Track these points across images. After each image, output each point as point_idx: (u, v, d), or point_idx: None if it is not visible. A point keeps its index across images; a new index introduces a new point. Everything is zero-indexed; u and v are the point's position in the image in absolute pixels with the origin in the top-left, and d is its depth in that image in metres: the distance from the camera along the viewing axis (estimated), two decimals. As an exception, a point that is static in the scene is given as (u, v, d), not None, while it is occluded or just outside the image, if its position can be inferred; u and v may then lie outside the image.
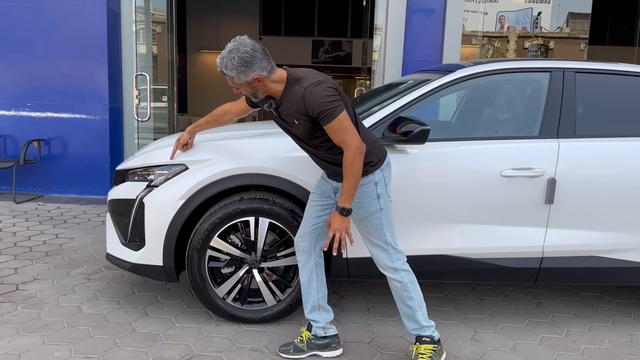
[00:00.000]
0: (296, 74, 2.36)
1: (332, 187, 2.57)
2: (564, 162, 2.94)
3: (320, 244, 2.68)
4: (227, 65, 2.27)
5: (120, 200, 3.08)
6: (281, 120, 2.47)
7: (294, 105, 2.33)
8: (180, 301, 3.28)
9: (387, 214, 2.50)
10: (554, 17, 8.28)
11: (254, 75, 2.28)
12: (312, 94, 2.25)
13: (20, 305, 3.14)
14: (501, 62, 3.17)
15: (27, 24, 6.08)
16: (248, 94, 2.42)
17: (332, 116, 2.26)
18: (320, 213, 2.64)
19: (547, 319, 3.24)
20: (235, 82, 2.32)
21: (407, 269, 2.55)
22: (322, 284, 2.73)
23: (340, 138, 2.29)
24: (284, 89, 2.35)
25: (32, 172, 6.23)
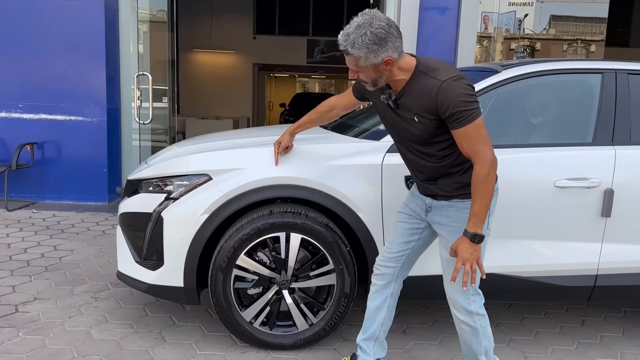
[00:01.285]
0: (428, 63, 1.99)
1: (425, 205, 2.22)
2: (622, 172, 2.71)
3: (403, 274, 2.40)
4: (356, 42, 1.87)
5: (135, 214, 2.78)
6: (395, 114, 2.09)
7: (421, 100, 1.95)
8: (199, 324, 2.99)
9: (482, 250, 2.09)
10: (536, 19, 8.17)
11: (385, 57, 1.88)
12: (449, 90, 1.88)
13: (22, 330, 2.83)
14: (547, 62, 2.93)
15: (19, 20, 5.73)
16: (368, 80, 2.00)
17: (469, 119, 1.89)
18: (409, 238, 2.31)
19: (596, 340, 3.01)
20: (359, 64, 1.93)
21: (483, 313, 2.19)
22: (389, 317, 2.43)
23: (474, 147, 1.92)
24: (409, 79, 1.97)
25: (25, 177, 5.87)
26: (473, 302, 2.15)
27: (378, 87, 2.04)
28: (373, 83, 2.02)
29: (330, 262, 2.62)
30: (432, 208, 2.19)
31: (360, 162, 2.64)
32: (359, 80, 2.10)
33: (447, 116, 1.91)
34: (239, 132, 3.65)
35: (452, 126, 1.93)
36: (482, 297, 2.19)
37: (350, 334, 2.92)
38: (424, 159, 2.11)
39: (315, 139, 2.92)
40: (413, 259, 2.37)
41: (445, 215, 2.14)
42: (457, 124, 1.91)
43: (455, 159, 2.06)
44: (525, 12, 8.04)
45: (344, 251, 2.60)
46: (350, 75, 2.03)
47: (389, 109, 2.11)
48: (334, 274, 2.63)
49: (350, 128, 3.11)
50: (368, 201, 2.63)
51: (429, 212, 2.21)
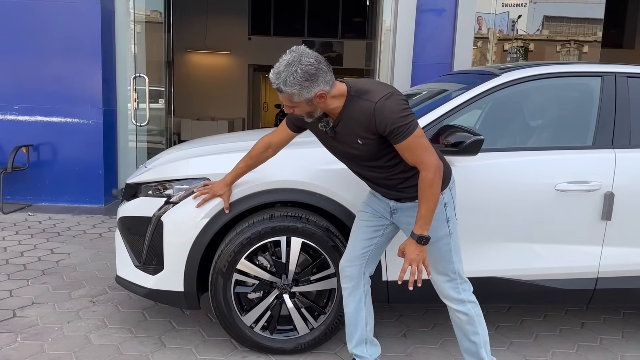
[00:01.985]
0: (358, 86, 2.05)
1: (389, 207, 2.28)
2: (622, 175, 2.72)
3: (370, 270, 2.40)
4: (288, 80, 1.91)
5: (134, 218, 2.76)
6: (335, 141, 2.16)
7: (360, 123, 2.02)
8: (199, 328, 2.97)
9: (455, 239, 2.23)
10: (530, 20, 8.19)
11: (317, 91, 1.95)
12: (384, 109, 1.95)
13: (21, 335, 2.80)
14: (546, 65, 2.93)
15: (14, 22, 5.69)
16: (303, 113, 2.06)
17: (407, 132, 1.96)
18: (371, 235, 2.35)
19: (596, 343, 3.01)
20: (293, 101, 1.98)
21: (474, 301, 2.28)
22: (370, 315, 2.44)
23: (417, 157, 2.01)
24: (343, 105, 2.04)
25: (21, 179, 5.83)
26: (463, 291, 2.25)
27: (314, 118, 2.09)
28: (309, 115, 2.07)
29: (331, 266, 2.62)
30: (397, 210, 2.25)
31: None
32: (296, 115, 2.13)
33: (387, 133, 1.98)
34: (238, 135, 3.63)
35: (394, 141, 2.00)
36: (470, 285, 2.29)
37: (351, 338, 2.91)
38: (378, 172, 2.17)
39: (315, 142, 2.91)
40: (377, 254, 2.40)
41: (411, 215, 2.18)
42: (397, 138, 1.98)
43: (406, 167, 2.12)
44: (519, 13, 8.07)
45: (345, 255, 2.59)
46: (285, 110, 2.09)
47: (329, 136, 2.16)
48: (335, 278, 2.62)
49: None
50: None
51: (395, 214, 2.26)
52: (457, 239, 2.25)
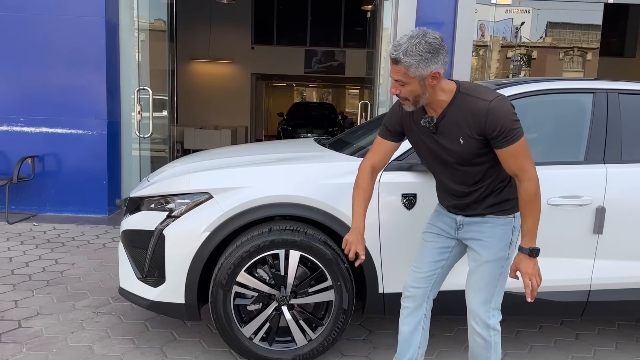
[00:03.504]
0: (468, 85, 2.03)
1: (456, 222, 2.22)
2: (613, 190, 2.78)
3: (434, 293, 2.38)
4: (409, 50, 1.87)
5: (137, 231, 2.84)
6: (434, 139, 2.09)
7: (467, 120, 1.97)
8: (199, 339, 3.04)
9: (508, 266, 2.17)
10: (533, 27, 8.24)
11: (433, 69, 1.89)
12: (498, 109, 1.92)
13: (26, 346, 2.87)
14: (540, 82, 3.00)
15: (21, 35, 5.80)
16: (410, 96, 1.98)
17: (515, 137, 1.93)
18: (438, 257, 2.30)
19: (590, 354, 3.06)
20: (408, 74, 1.91)
21: (498, 330, 2.22)
22: (425, 339, 2.40)
23: (521, 165, 1.97)
24: (451, 101, 2.00)
25: (26, 190, 5.93)
26: (492, 317, 2.19)
27: (417, 107, 2.03)
28: (414, 101, 2.00)
29: (328, 278, 2.68)
30: (463, 225, 2.20)
31: (357, 181, 2.69)
32: (401, 98, 2.04)
33: (494, 135, 1.94)
34: (239, 148, 3.71)
35: (499, 145, 1.95)
36: (500, 314, 2.23)
37: (349, 350, 2.97)
38: (464, 181, 2.12)
39: (314, 158, 2.99)
40: (443, 277, 2.36)
41: (478, 230, 2.17)
42: (504, 142, 1.94)
43: (494, 180, 2.10)
44: (522, 20, 8.11)
45: (342, 268, 2.65)
46: (392, 90, 2.02)
47: (429, 134, 2.11)
48: (332, 291, 2.68)
49: (347, 146, 3.18)
50: (366, 219, 2.68)
51: (460, 230, 2.22)
52: (510, 266, 2.16)
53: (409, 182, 2.70)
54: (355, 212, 2.30)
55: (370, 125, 3.78)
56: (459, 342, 3.13)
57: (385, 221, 2.68)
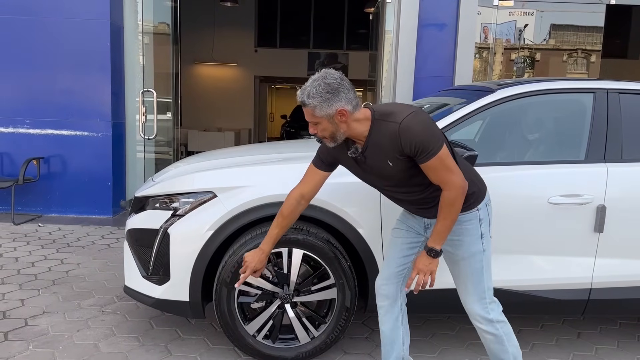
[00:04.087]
0: (382, 109, 2.09)
1: (423, 223, 2.30)
2: (613, 188, 2.80)
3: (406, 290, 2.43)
4: (310, 92, 2.00)
5: (142, 230, 2.87)
6: (366, 167, 2.17)
7: (387, 145, 2.04)
8: (204, 337, 3.07)
9: (488, 257, 2.23)
10: (537, 29, 8.25)
11: (338, 107, 2.00)
12: (407, 129, 1.97)
13: (32, 344, 2.91)
14: (541, 82, 3.03)
15: (27, 38, 5.86)
16: (326, 134, 2.08)
17: (432, 152, 1.98)
18: (407, 252, 2.36)
19: (592, 352, 3.08)
20: (315, 115, 2.03)
21: (503, 320, 2.26)
22: (406, 334, 2.47)
23: (441, 177, 2.03)
24: (369, 130, 2.07)
25: (31, 191, 5.98)
26: (491, 311, 2.23)
27: (338, 142, 2.10)
28: (332, 137, 2.09)
29: (331, 276, 2.70)
30: (431, 225, 2.26)
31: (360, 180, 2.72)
32: (319, 137, 2.12)
33: (412, 153, 2.01)
34: (243, 149, 3.75)
35: (419, 160, 2.02)
36: (499, 305, 2.27)
37: (351, 347, 3.00)
38: (412, 194, 2.18)
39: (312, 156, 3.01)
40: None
41: None
42: (421, 158, 2.00)
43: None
44: (526, 22, 8.12)
45: (344, 266, 2.68)
46: (310, 130, 2.12)
47: (358, 163, 2.19)
48: (335, 289, 2.71)
49: (350, 145, 3.20)
50: (368, 217, 2.71)
51: (429, 229, 2.28)
52: (490, 258, 2.24)
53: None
54: (268, 235, 2.42)
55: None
56: (461, 340, 3.15)
57: (387, 219, 2.70)
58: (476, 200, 2.19)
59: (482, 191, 2.24)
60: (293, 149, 3.43)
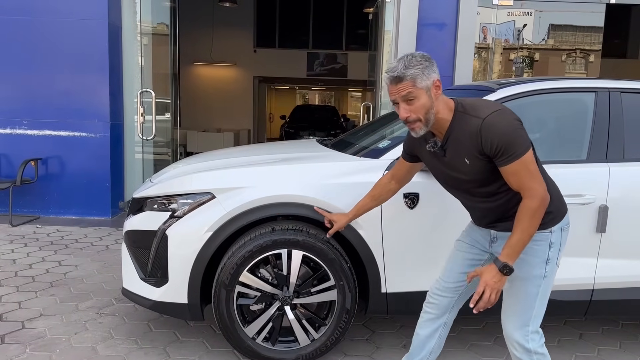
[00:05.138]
0: (466, 102, 1.95)
1: (490, 235, 2.11)
2: (616, 188, 2.77)
3: (459, 305, 2.30)
4: (407, 64, 1.87)
5: (139, 232, 2.84)
6: (444, 163, 2.03)
7: (466, 141, 1.89)
8: (202, 339, 3.04)
9: (547, 285, 2.03)
10: (535, 29, 8.24)
11: (434, 77, 1.89)
12: (491, 126, 1.83)
13: (29, 347, 2.88)
14: (542, 81, 3.00)
15: (24, 39, 5.83)
16: (420, 115, 1.91)
17: (515, 155, 1.81)
18: (469, 269, 2.19)
19: (594, 353, 3.05)
20: (417, 86, 1.86)
21: (542, 352, 2.05)
22: (439, 346, 2.37)
23: (523, 183, 1.84)
24: (450, 122, 1.94)
25: (29, 192, 5.94)
26: (531, 340, 2.03)
27: (429, 126, 1.94)
28: (426, 119, 1.92)
29: (331, 278, 2.68)
30: (497, 239, 2.09)
31: (360, 181, 2.70)
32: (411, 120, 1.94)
33: (493, 154, 1.85)
34: (241, 149, 3.72)
35: (499, 163, 1.86)
36: (541, 336, 2.08)
37: (352, 349, 2.97)
38: (487, 201, 2.01)
39: (316, 158, 3.00)
40: (471, 289, 2.25)
41: None
42: (502, 160, 1.84)
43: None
44: (524, 22, 8.12)
45: (344, 267, 2.66)
46: (402, 114, 1.94)
47: (437, 158, 2.06)
48: (335, 290, 2.68)
49: (349, 146, 3.18)
50: (368, 218, 2.68)
51: (494, 243, 2.11)
52: (549, 287, 2.05)
53: (411, 182, 2.68)
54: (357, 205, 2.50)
55: (372, 125, 3.79)
56: (463, 342, 3.12)
57: (388, 221, 2.68)
58: (552, 221, 2.00)
59: (562, 213, 2.05)
60: (292, 150, 3.41)
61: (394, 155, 2.76)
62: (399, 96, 1.92)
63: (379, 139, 3.17)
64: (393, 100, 1.96)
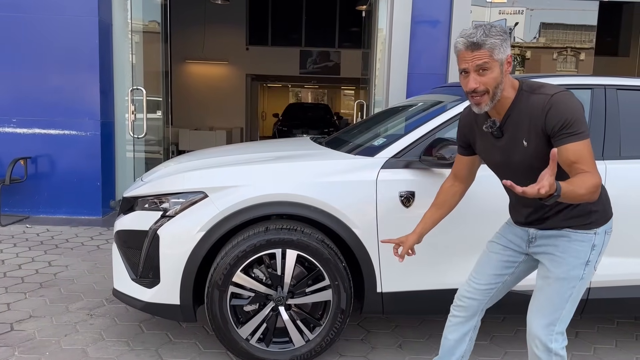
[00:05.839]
0: (531, 82, 1.91)
1: (528, 236, 2.06)
2: (612, 186, 2.73)
3: (489, 306, 2.23)
4: (489, 32, 1.79)
5: (130, 232, 2.79)
6: (499, 146, 1.95)
7: (529, 119, 1.83)
8: (195, 340, 3.00)
9: (582, 288, 1.97)
10: (527, 28, 8.26)
11: (509, 53, 1.83)
12: (560, 102, 1.78)
13: (18, 349, 2.82)
14: (536, 78, 2.97)
15: (13, 35, 5.74)
16: (490, 87, 1.82)
17: (582, 134, 1.75)
18: (501, 271, 2.14)
19: (589, 352, 3.04)
20: (494, 57, 1.79)
21: (563, 355, 1.98)
22: (469, 351, 2.28)
23: (584, 164, 1.74)
24: (513, 100, 1.89)
25: (18, 192, 5.86)
26: (555, 341, 1.97)
27: (494, 102, 1.86)
28: (494, 93, 1.84)
29: (326, 278, 2.64)
30: (536, 239, 2.03)
31: (355, 179, 2.67)
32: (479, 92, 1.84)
33: (556, 130, 1.77)
34: (234, 147, 3.68)
35: (562, 140, 1.76)
36: (565, 339, 2.01)
37: (347, 350, 2.94)
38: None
39: (310, 156, 2.96)
40: (501, 293, 2.21)
41: (552, 244, 1.98)
42: (567, 137, 1.75)
43: None
44: (516, 21, 8.12)
45: (339, 267, 2.62)
46: (471, 85, 1.83)
47: (493, 140, 1.98)
48: (330, 290, 2.65)
49: (344, 144, 3.15)
50: (363, 217, 2.65)
51: (532, 244, 2.05)
52: (583, 289, 1.98)
53: (406, 180, 2.67)
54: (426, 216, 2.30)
55: (366, 123, 3.76)
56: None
57: (383, 219, 2.65)
58: (597, 222, 1.95)
59: (608, 215, 2.01)
60: (286, 148, 3.36)
61: (389, 153, 2.73)
62: (472, 64, 1.82)
63: (373, 137, 3.14)
64: (464, 68, 1.85)
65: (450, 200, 2.29)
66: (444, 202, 2.29)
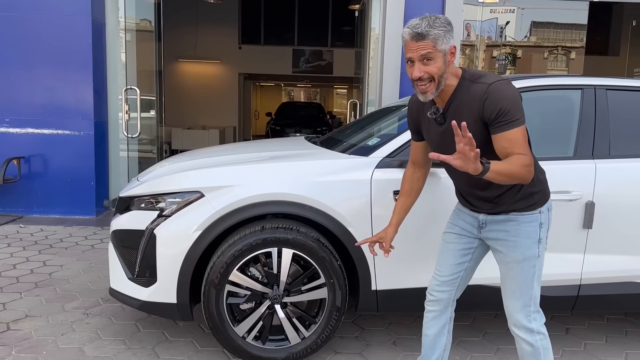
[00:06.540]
0: (473, 72, 1.99)
1: (478, 221, 2.14)
2: (602, 184, 2.80)
3: (458, 295, 2.31)
4: (432, 23, 1.87)
5: (127, 231, 2.81)
6: (442, 132, 2.03)
7: (469, 106, 1.91)
8: (192, 339, 3.02)
9: (541, 264, 2.10)
10: (518, 27, 8.32)
11: (452, 44, 1.91)
12: (499, 91, 1.86)
13: (15, 349, 2.83)
14: (528, 79, 3.02)
15: (5, 35, 5.72)
16: (436, 76, 1.90)
17: (517, 122, 1.84)
18: (460, 259, 2.23)
19: (580, 348, 3.09)
20: (437, 47, 1.88)
21: (544, 333, 2.11)
22: (449, 342, 2.37)
23: (516, 149, 1.83)
24: (455, 88, 1.97)
25: (12, 192, 5.85)
26: (534, 320, 2.09)
27: (439, 90, 1.94)
28: (438, 82, 1.93)
29: (321, 276, 2.67)
30: (486, 224, 2.12)
31: (349, 178, 2.70)
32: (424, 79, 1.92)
33: (493, 118, 1.86)
34: (229, 147, 3.70)
35: (497, 128, 1.86)
36: (542, 316, 2.14)
37: (342, 347, 2.97)
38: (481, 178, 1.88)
39: (305, 155, 2.99)
40: (467, 279, 2.30)
41: (503, 230, 2.09)
42: (502, 126, 1.85)
43: None
44: (507, 20, 8.18)
45: (335, 265, 2.65)
46: (415, 73, 1.92)
47: (436, 126, 2.07)
48: (325, 288, 2.68)
49: (338, 143, 3.18)
50: (358, 216, 2.68)
51: (483, 229, 2.14)
52: (542, 265, 2.11)
53: (400, 179, 2.70)
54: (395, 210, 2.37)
55: (360, 123, 3.79)
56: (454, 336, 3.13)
57: (378, 218, 2.68)
58: (539, 202, 2.07)
59: (547, 194, 2.13)
60: (281, 147, 3.39)
61: (383, 152, 2.76)
62: (417, 54, 1.91)
63: (367, 137, 3.17)
64: (409, 57, 1.94)
65: (416, 185, 2.38)
66: (411, 189, 2.38)
